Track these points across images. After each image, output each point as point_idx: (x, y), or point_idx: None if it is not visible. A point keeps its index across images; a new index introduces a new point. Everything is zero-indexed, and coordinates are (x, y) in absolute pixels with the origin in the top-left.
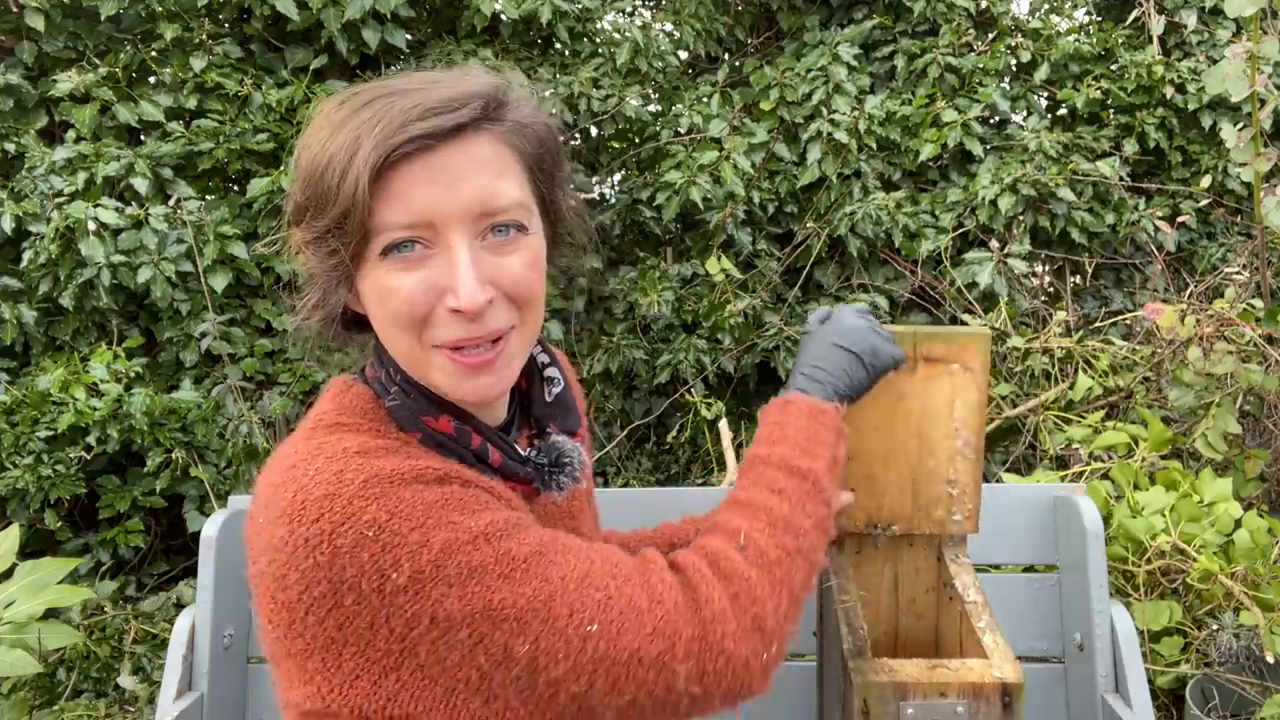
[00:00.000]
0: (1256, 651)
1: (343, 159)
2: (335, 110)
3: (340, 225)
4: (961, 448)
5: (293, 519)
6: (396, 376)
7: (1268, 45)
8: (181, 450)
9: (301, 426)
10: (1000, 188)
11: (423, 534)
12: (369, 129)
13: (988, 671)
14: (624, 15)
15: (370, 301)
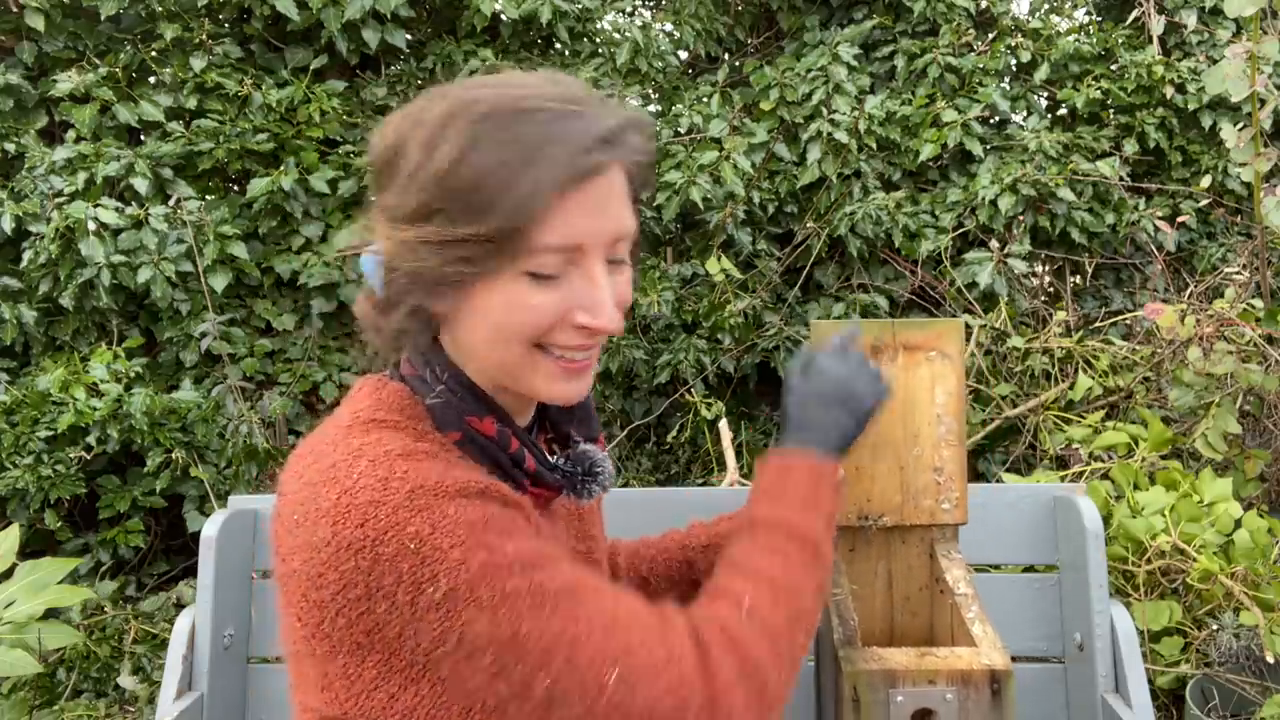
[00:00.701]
0: (1256, 651)
1: (507, 174)
2: (476, 117)
3: (496, 237)
4: (945, 434)
5: (336, 520)
6: (443, 375)
7: (1268, 45)
8: (181, 450)
9: (334, 422)
10: (1000, 188)
11: (463, 553)
12: (543, 148)
13: (976, 659)
14: (624, 15)
15: (490, 311)
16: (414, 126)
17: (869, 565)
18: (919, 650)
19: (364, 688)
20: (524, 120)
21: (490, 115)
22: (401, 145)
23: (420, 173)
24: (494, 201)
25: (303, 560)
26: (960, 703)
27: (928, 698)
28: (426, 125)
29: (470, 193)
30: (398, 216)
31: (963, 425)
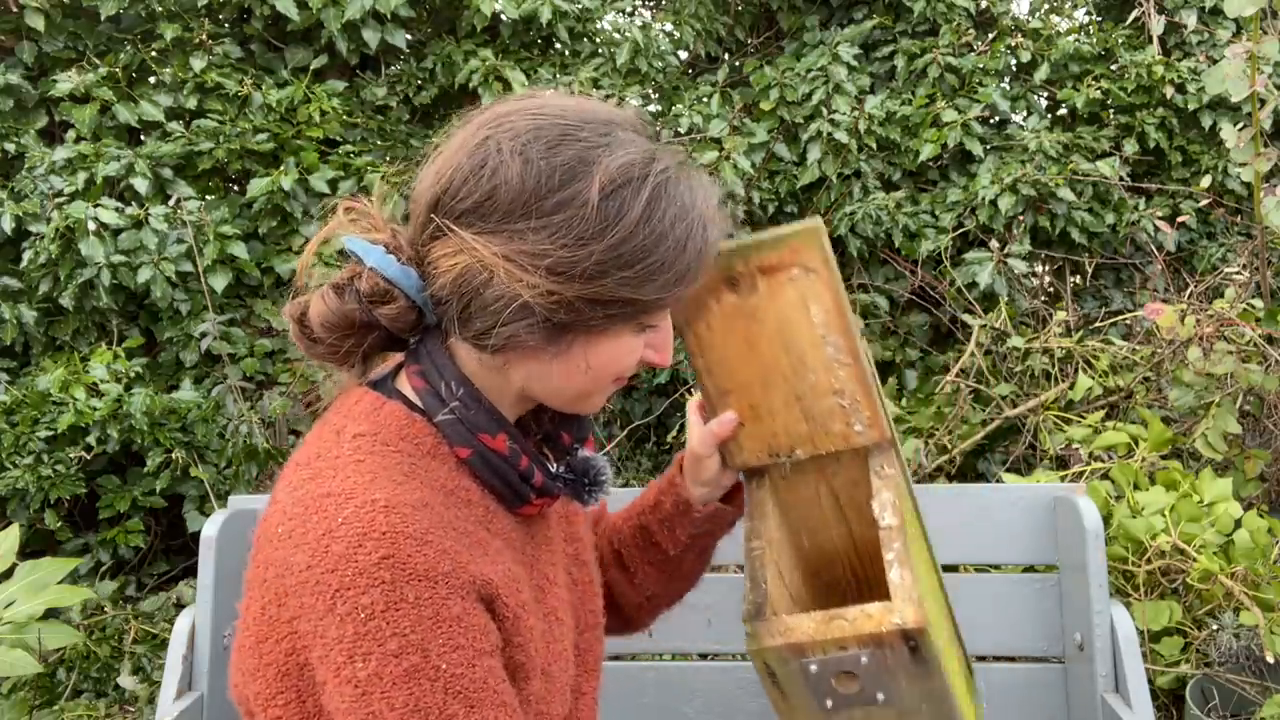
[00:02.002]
0: (1256, 651)
1: (676, 246)
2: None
3: (648, 303)
4: (834, 354)
5: (314, 555)
6: (458, 391)
7: (1268, 45)
8: (181, 450)
9: (331, 434)
10: (1000, 188)
11: (400, 644)
12: (703, 223)
13: (886, 618)
14: (624, 15)
15: (597, 353)
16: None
17: (810, 490)
18: (826, 614)
19: (269, 716)
20: (680, 181)
21: (663, 172)
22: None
23: (591, 225)
24: (662, 269)
25: (275, 574)
26: (878, 664)
27: (842, 663)
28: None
29: (643, 258)
30: (557, 268)
31: (854, 340)
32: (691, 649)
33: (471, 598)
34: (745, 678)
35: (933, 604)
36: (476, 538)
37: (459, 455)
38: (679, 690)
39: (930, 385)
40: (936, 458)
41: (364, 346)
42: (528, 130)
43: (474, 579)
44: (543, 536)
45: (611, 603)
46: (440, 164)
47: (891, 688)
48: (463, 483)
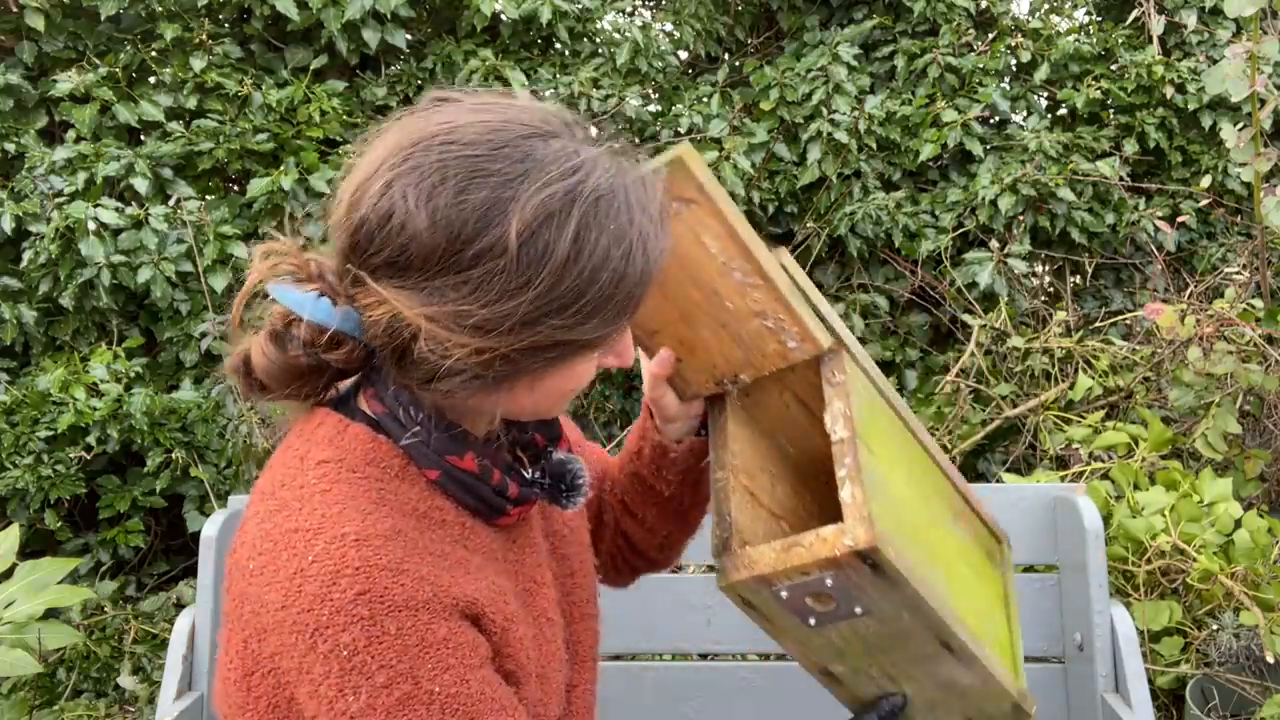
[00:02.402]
0: (1256, 651)
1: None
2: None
3: (594, 339)
4: (742, 279)
5: (288, 594)
6: (417, 416)
7: (1268, 45)
8: (181, 450)
9: (295, 459)
10: (1000, 188)
11: (389, 677)
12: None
13: (839, 540)
14: (624, 15)
15: (553, 383)
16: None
17: (774, 399)
18: (784, 543)
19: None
20: (609, 202)
21: (581, 200)
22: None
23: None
24: (604, 303)
25: (251, 611)
26: (842, 583)
27: (809, 586)
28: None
29: (578, 300)
30: (483, 326)
31: (757, 262)
32: (691, 649)
33: (456, 618)
34: (745, 678)
35: (901, 511)
36: (455, 558)
37: (428, 477)
38: (679, 690)
39: (930, 385)
40: None
41: (320, 384)
42: (434, 172)
43: (457, 600)
44: (525, 539)
45: (634, 549)
46: (350, 199)
47: (865, 601)
48: (436, 502)
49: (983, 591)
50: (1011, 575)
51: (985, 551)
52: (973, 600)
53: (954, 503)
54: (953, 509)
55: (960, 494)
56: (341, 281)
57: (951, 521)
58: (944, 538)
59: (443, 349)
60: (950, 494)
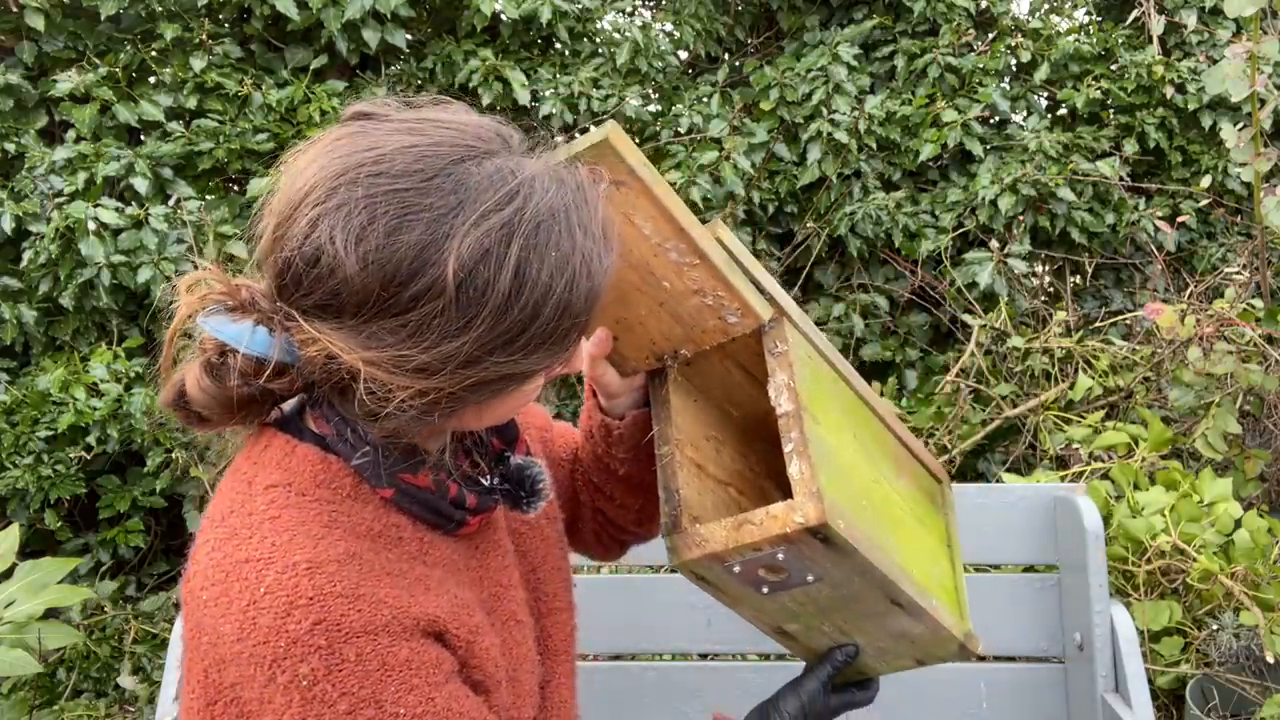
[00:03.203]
0: (1256, 651)
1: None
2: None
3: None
4: (678, 259)
5: (243, 626)
6: (367, 437)
7: (1268, 45)
8: (181, 450)
9: (244, 484)
10: (1000, 188)
11: (351, 704)
12: (582, 272)
13: (789, 518)
14: (624, 15)
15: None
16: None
17: (715, 367)
18: (735, 520)
19: None
20: (549, 228)
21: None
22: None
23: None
24: (549, 333)
25: (208, 642)
26: (796, 558)
27: (761, 560)
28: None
29: (523, 333)
30: (425, 369)
31: (693, 240)
32: (691, 649)
33: (417, 637)
34: (746, 678)
35: (849, 479)
36: (414, 575)
37: (382, 495)
38: (679, 690)
39: (930, 385)
40: (937, 458)
41: (263, 410)
42: (362, 210)
43: (417, 620)
44: (489, 544)
45: (613, 524)
46: (274, 234)
47: (817, 570)
48: (391, 520)
49: (927, 539)
50: (953, 516)
51: (928, 497)
52: (919, 551)
53: (896, 453)
54: (895, 461)
55: (901, 441)
56: (274, 315)
57: (895, 475)
58: (889, 495)
59: (384, 390)
60: (892, 445)
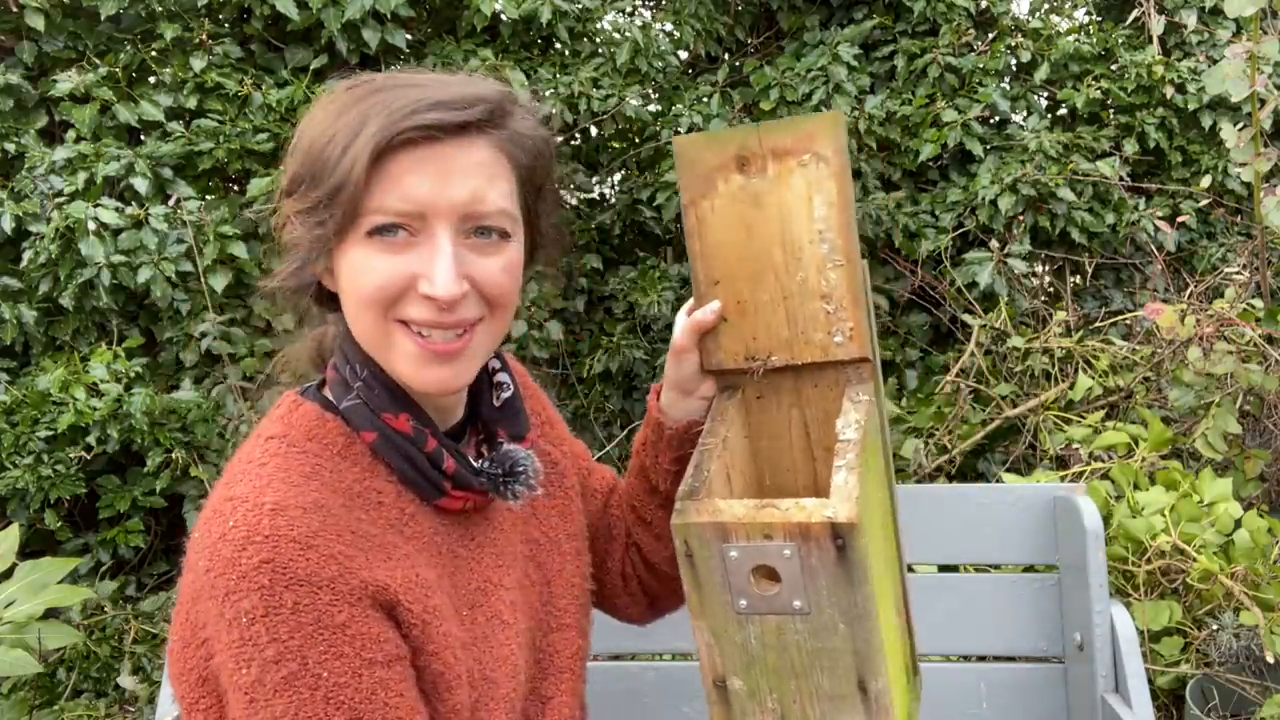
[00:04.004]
0: (1256, 651)
1: (345, 137)
2: (344, 93)
3: (332, 199)
4: (829, 253)
5: (210, 559)
6: (362, 372)
7: (1268, 45)
8: (181, 450)
9: (252, 441)
10: (1000, 188)
11: (278, 651)
12: (376, 112)
13: (819, 511)
14: (624, 15)
15: (345, 277)
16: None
17: (781, 415)
18: (760, 501)
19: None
20: (376, 94)
21: (346, 93)
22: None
23: (293, 145)
24: (331, 161)
25: (189, 580)
26: (801, 560)
27: (764, 553)
28: (311, 109)
29: (314, 158)
30: (283, 191)
31: (851, 242)
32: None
33: (363, 604)
34: None
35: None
36: (379, 541)
37: (365, 440)
38: (679, 690)
39: (930, 385)
40: (936, 458)
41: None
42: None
43: (365, 584)
44: (485, 538)
45: (647, 564)
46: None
47: (811, 594)
48: (375, 484)
49: (900, 680)
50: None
51: (905, 662)
52: (894, 668)
53: (899, 596)
54: (896, 598)
55: (905, 605)
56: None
57: (895, 607)
58: (890, 598)
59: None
60: (900, 586)
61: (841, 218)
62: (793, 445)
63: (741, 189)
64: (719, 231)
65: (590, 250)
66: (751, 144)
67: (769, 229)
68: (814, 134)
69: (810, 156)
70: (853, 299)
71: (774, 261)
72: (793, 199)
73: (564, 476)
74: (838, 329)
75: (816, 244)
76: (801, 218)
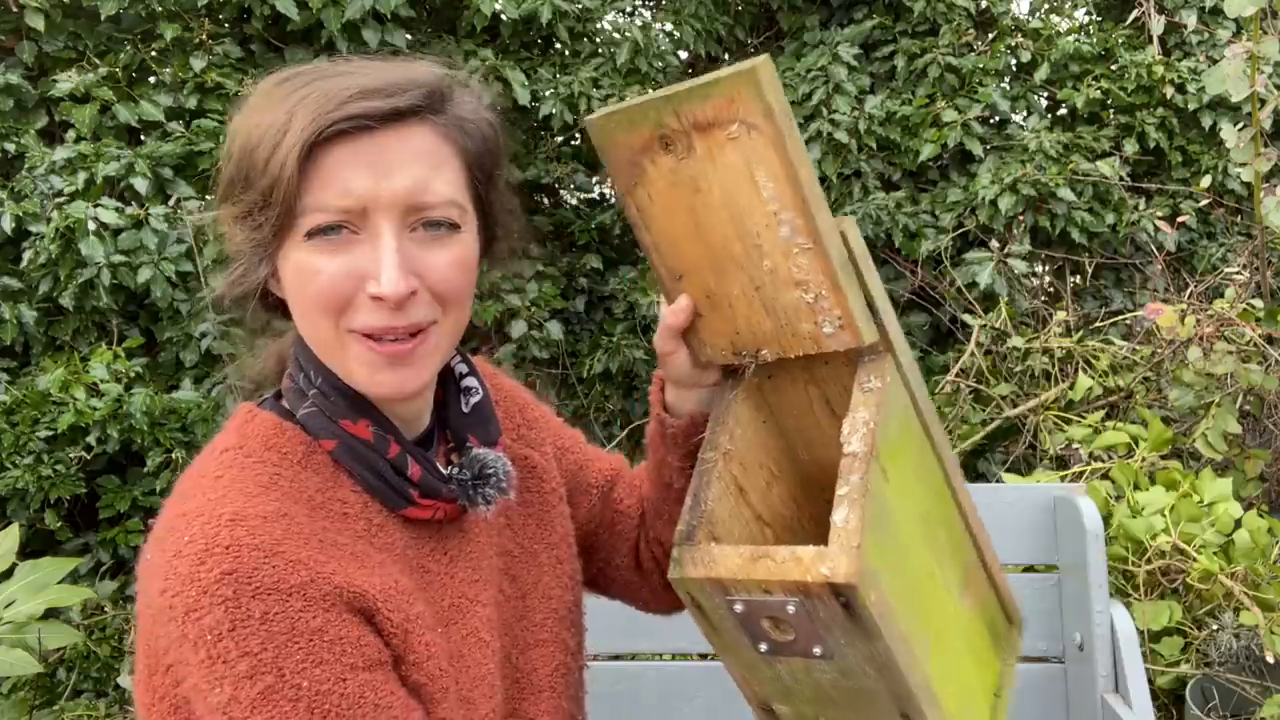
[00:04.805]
0: (1256, 651)
1: (274, 135)
2: (273, 88)
3: (266, 202)
4: (789, 235)
5: (166, 579)
6: (317, 379)
7: (1268, 45)
8: (182, 450)
9: (205, 454)
10: (1000, 188)
11: (251, 665)
12: (303, 106)
13: (815, 568)
14: (624, 15)
15: (290, 283)
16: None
17: (798, 392)
18: (754, 551)
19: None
20: (303, 87)
21: (276, 88)
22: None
23: (226, 149)
24: (261, 162)
25: (144, 605)
26: (809, 615)
27: (769, 608)
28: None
29: (244, 159)
30: (219, 196)
31: (813, 219)
32: (691, 649)
33: (338, 609)
34: None
35: (901, 554)
36: (350, 550)
37: (325, 449)
38: (679, 690)
39: (930, 385)
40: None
41: None
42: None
43: (339, 589)
44: (460, 552)
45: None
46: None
47: (828, 642)
48: (339, 494)
49: (974, 676)
50: (1013, 665)
51: (990, 630)
52: (958, 682)
53: (969, 566)
54: (965, 572)
55: (981, 559)
56: None
57: (960, 586)
58: (944, 602)
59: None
60: (968, 555)
61: (794, 193)
62: (819, 420)
63: (674, 173)
64: (664, 222)
65: (590, 250)
66: (668, 120)
67: (717, 217)
68: (734, 99)
69: (738, 127)
70: (832, 284)
71: (733, 253)
72: (733, 179)
73: (543, 481)
74: (824, 319)
75: (774, 228)
76: (749, 200)
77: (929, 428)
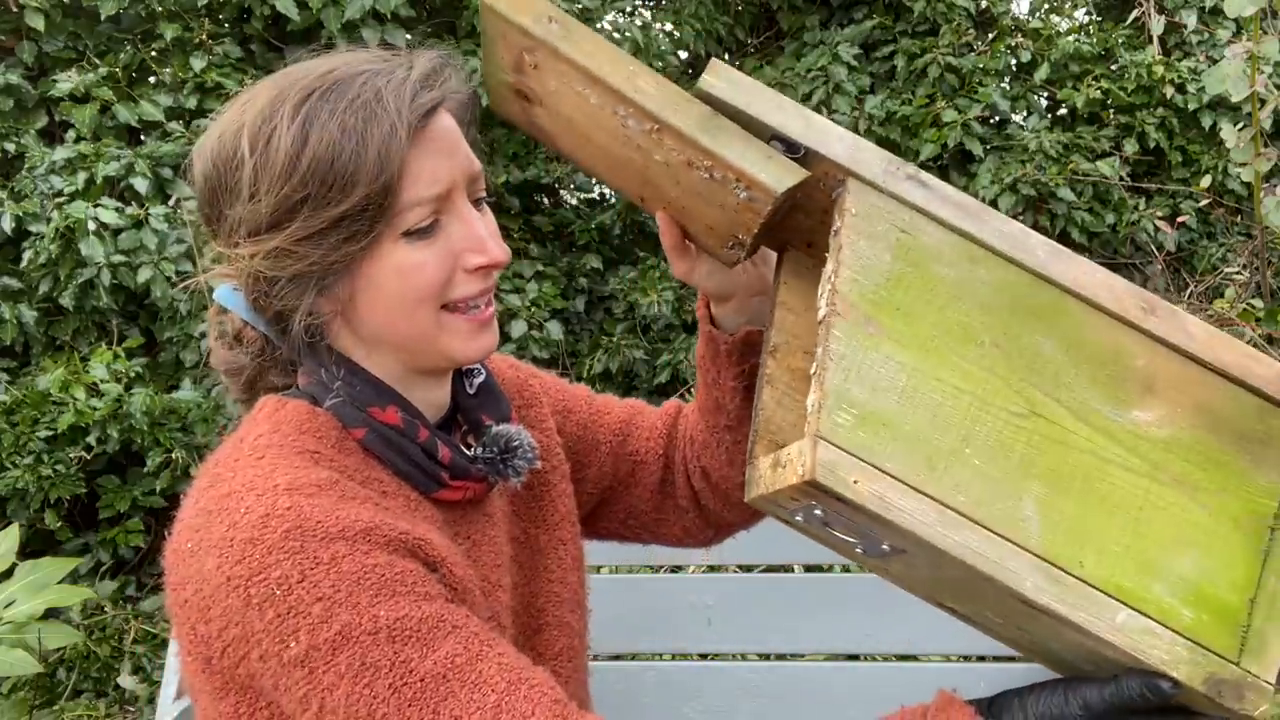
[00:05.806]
0: None
1: (356, 139)
2: (299, 99)
3: (365, 208)
4: (639, 125)
5: (222, 553)
6: (339, 371)
7: (1268, 45)
8: (181, 450)
9: (233, 444)
10: (1000, 188)
11: (326, 608)
12: (380, 102)
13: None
14: (624, 15)
15: (387, 284)
16: (237, 134)
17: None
18: (775, 457)
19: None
20: (348, 85)
21: (313, 90)
22: (231, 156)
23: (264, 173)
24: (354, 169)
25: (193, 590)
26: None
27: (811, 514)
28: (251, 126)
29: (327, 170)
30: (256, 228)
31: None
32: (691, 649)
33: (401, 552)
34: (745, 678)
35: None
36: (400, 512)
37: (355, 437)
38: (679, 690)
39: None
40: None
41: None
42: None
43: (405, 535)
44: (483, 537)
45: (723, 494)
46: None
47: (878, 538)
48: (375, 474)
49: (1185, 512)
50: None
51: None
52: (1151, 529)
53: (1150, 372)
54: (1143, 383)
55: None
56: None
57: (1128, 402)
58: (1072, 433)
59: (249, 270)
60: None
61: (607, 89)
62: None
63: (546, 117)
64: (579, 156)
65: (590, 250)
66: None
67: (595, 137)
68: (505, 37)
69: (527, 57)
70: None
71: (633, 163)
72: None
73: (543, 462)
74: (732, 188)
75: (627, 126)
76: (592, 112)
77: (976, 233)
